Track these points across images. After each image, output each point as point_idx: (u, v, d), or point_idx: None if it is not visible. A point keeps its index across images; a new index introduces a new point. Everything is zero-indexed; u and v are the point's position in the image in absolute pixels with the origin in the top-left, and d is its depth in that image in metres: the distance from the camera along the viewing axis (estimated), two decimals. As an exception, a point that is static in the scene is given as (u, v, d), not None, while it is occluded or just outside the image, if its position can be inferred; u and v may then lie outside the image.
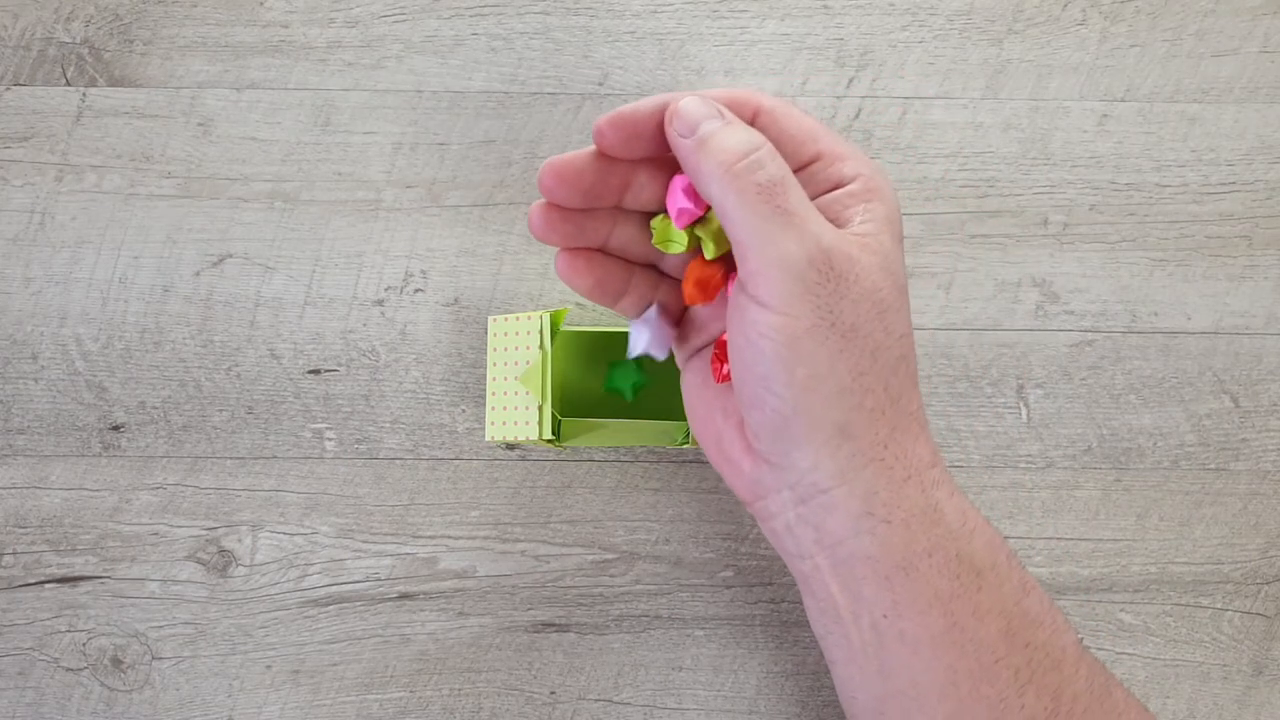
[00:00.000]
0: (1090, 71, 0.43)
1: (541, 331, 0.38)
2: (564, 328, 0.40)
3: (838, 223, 0.31)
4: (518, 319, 0.38)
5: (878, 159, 0.43)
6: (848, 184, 0.31)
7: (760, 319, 0.29)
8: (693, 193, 0.32)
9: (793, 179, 0.30)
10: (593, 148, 0.32)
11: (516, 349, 0.38)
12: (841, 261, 0.29)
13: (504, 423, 0.38)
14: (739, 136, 0.30)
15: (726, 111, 0.30)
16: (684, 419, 0.40)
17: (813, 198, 0.31)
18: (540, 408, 0.37)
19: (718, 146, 0.29)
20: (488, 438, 0.39)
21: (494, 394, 0.39)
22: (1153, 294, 0.43)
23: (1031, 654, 0.31)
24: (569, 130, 0.43)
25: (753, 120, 0.32)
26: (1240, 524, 0.43)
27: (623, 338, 0.40)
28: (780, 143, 0.31)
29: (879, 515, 0.30)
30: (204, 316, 0.43)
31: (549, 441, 0.38)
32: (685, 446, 0.39)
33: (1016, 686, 0.31)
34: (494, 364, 0.39)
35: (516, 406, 0.38)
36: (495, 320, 0.39)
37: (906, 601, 0.31)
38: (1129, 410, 0.43)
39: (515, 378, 0.38)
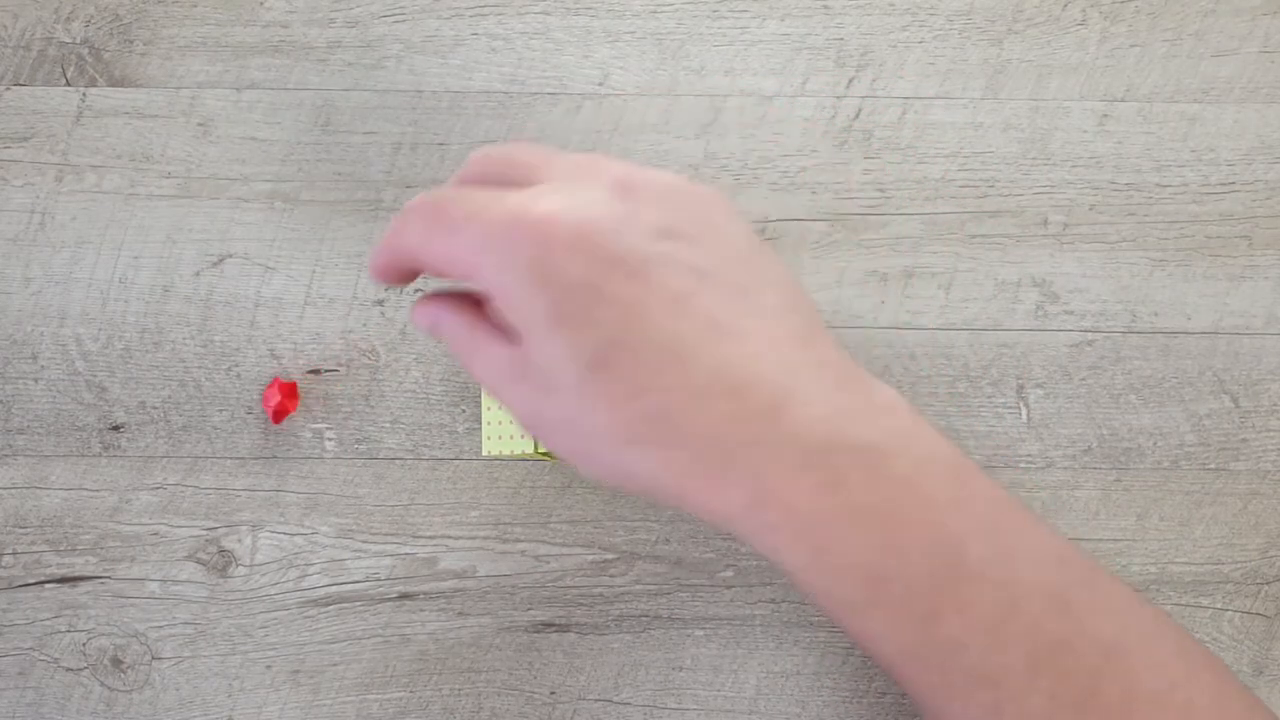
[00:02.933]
0: (1090, 71, 0.43)
1: None
2: None
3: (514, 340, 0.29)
4: None
5: (876, 159, 0.43)
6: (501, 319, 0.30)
7: None
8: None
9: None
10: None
11: None
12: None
13: (499, 437, 0.38)
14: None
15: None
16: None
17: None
18: None
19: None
20: (484, 453, 0.39)
21: (489, 408, 0.39)
22: (1153, 294, 0.43)
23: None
24: (569, 130, 0.43)
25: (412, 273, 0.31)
26: (1240, 524, 0.43)
27: None
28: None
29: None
30: (204, 316, 0.43)
31: (545, 455, 0.38)
32: None
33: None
34: None
35: (511, 420, 0.38)
36: None
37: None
38: (1129, 410, 0.43)
39: None
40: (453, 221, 0.28)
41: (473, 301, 0.32)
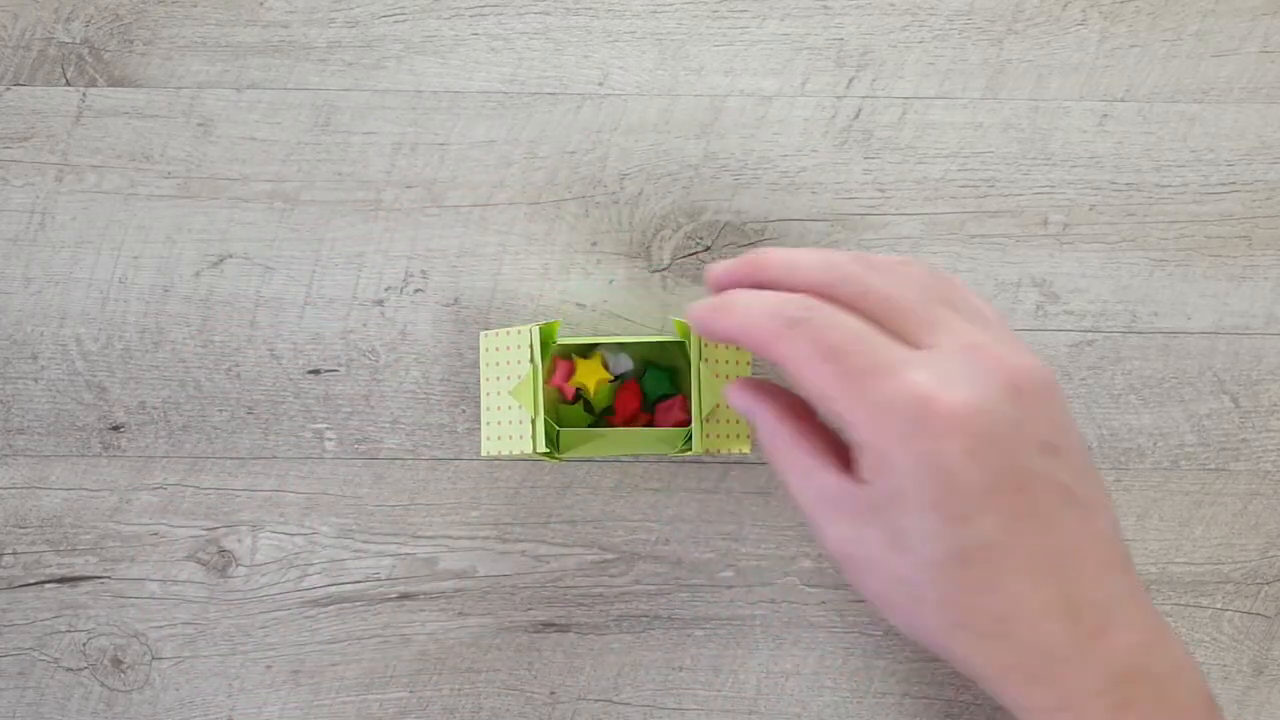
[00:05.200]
0: (1090, 71, 0.43)
1: (532, 345, 0.38)
2: (558, 340, 0.40)
3: None
4: (509, 333, 0.38)
5: (876, 159, 0.43)
6: (856, 456, 0.31)
7: None
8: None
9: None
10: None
11: (509, 363, 0.38)
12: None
13: (499, 437, 0.38)
14: None
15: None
16: (684, 426, 0.40)
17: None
18: (533, 421, 0.37)
19: None
20: (483, 453, 0.39)
21: (488, 408, 0.39)
22: (1153, 294, 0.43)
23: None
24: (569, 130, 0.43)
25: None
26: (1240, 524, 0.43)
27: (615, 348, 0.41)
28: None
29: None
30: (204, 316, 0.43)
31: (545, 455, 0.38)
32: (686, 453, 0.39)
33: None
34: (487, 378, 0.39)
35: (511, 420, 0.38)
36: (487, 335, 0.39)
37: None
38: (1129, 410, 0.43)
39: (508, 391, 0.38)
40: (852, 371, 0.29)
41: (800, 406, 0.33)
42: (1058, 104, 0.43)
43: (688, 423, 0.39)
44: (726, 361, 0.38)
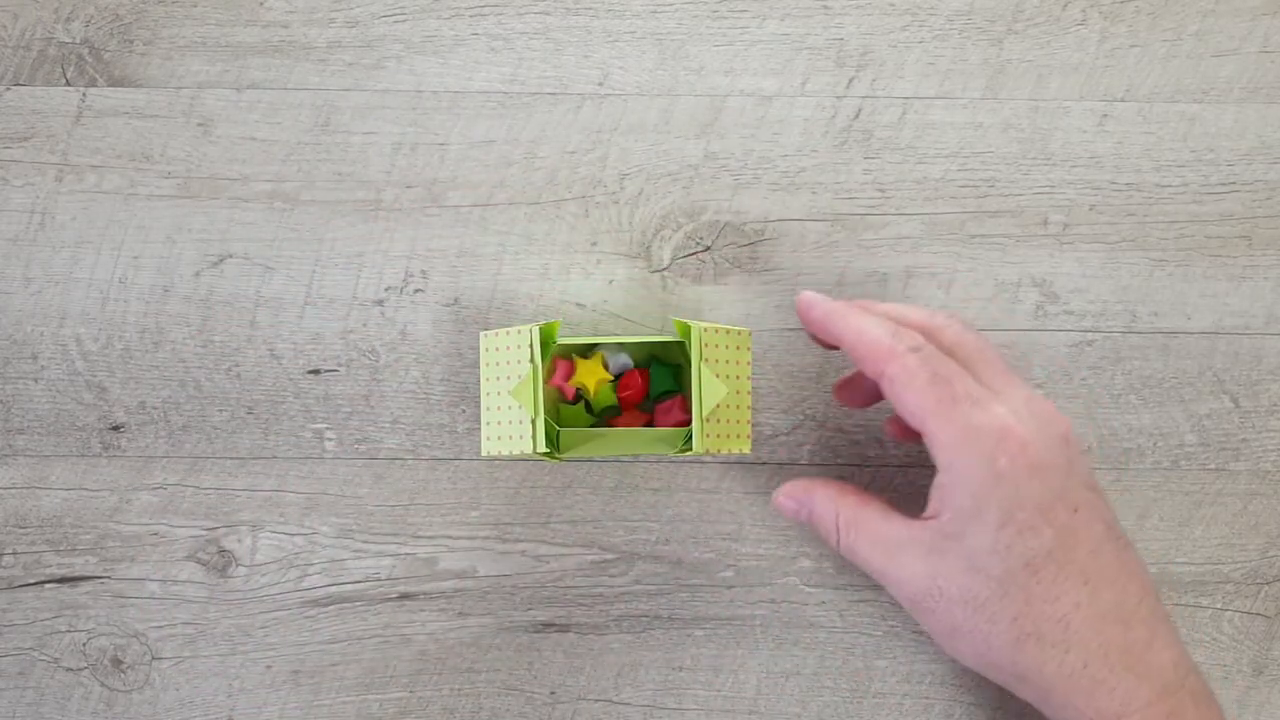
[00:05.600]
0: (1090, 71, 0.43)
1: (532, 345, 0.38)
2: (559, 340, 0.40)
3: (928, 511, 0.36)
4: (509, 333, 0.38)
5: (876, 159, 0.43)
6: (931, 492, 0.35)
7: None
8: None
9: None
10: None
11: (509, 363, 0.38)
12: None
13: (499, 437, 0.38)
14: None
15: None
16: (684, 427, 0.40)
17: None
18: (533, 421, 0.37)
19: None
20: (483, 453, 0.39)
21: (488, 409, 0.39)
22: (1153, 294, 0.43)
23: None
24: (569, 130, 0.43)
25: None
26: (1240, 524, 0.43)
27: (615, 348, 0.41)
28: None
29: None
30: (204, 316, 0.43)
31: (545, 455, 0.38)
32: (686, 453, 0.39)
33: None
34: (487, 379, 0.39)
35: (511, 420, 0.38)
36: (486, 335, 0.39)
37: None
38: (1129, 410, 0.43)
39: (508, 391, 0.38)
40: (951, 397, 0.34)
41: (849, 486, 0.38)
42: (1058, 104, 0.43)
43: (688, 423, 0.39)
44: (727, 362, 0.38)
